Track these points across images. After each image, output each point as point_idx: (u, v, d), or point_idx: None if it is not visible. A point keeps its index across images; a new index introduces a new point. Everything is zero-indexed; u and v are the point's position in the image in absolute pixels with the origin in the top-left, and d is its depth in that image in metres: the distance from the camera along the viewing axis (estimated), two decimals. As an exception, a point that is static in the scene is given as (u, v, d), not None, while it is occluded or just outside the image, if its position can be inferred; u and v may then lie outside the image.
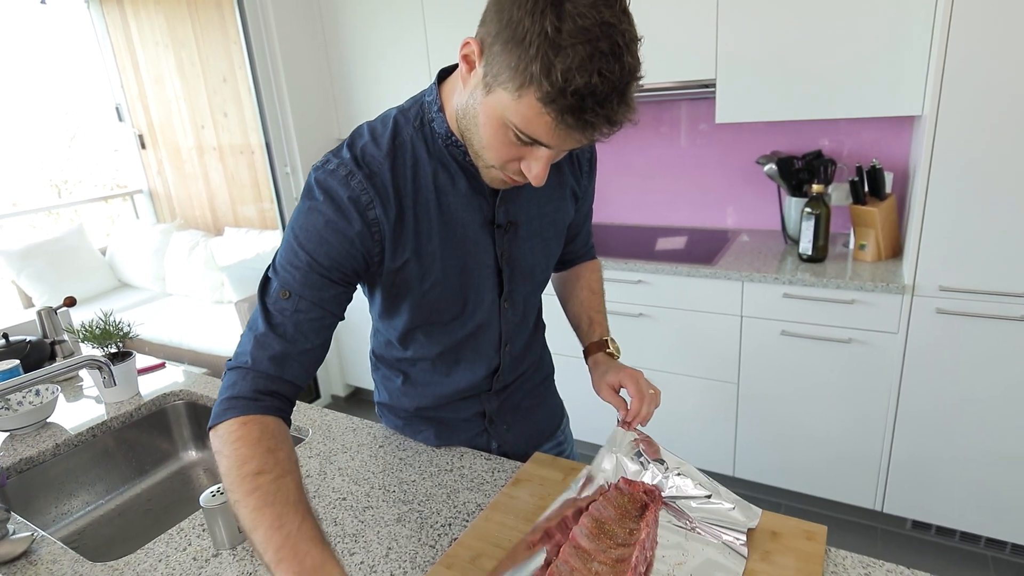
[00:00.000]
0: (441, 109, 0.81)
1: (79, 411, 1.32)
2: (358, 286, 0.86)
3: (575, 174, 0.98)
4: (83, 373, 1.50)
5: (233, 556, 0.84)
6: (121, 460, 1.29)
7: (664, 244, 2.39)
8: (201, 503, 0.83)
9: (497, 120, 0.68)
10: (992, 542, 1.93)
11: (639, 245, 2.42)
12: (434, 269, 0.85)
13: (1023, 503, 1.78)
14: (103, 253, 3.88)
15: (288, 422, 0.76)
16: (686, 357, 2.19)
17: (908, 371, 1.83)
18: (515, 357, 1.03)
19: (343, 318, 0.82)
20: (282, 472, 0.67)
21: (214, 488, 0.85)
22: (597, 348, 1.05)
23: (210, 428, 0.73)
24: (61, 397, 1.39)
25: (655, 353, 2.23)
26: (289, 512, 0.63)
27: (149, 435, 1.34)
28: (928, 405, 1.84)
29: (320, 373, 3.18)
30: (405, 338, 0.96)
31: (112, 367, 1.10)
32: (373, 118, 0.85)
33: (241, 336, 0.79)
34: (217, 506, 0.83)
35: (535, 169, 0.72)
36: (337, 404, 3.25)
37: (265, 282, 0.79)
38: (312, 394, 3.20)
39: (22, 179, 4.41)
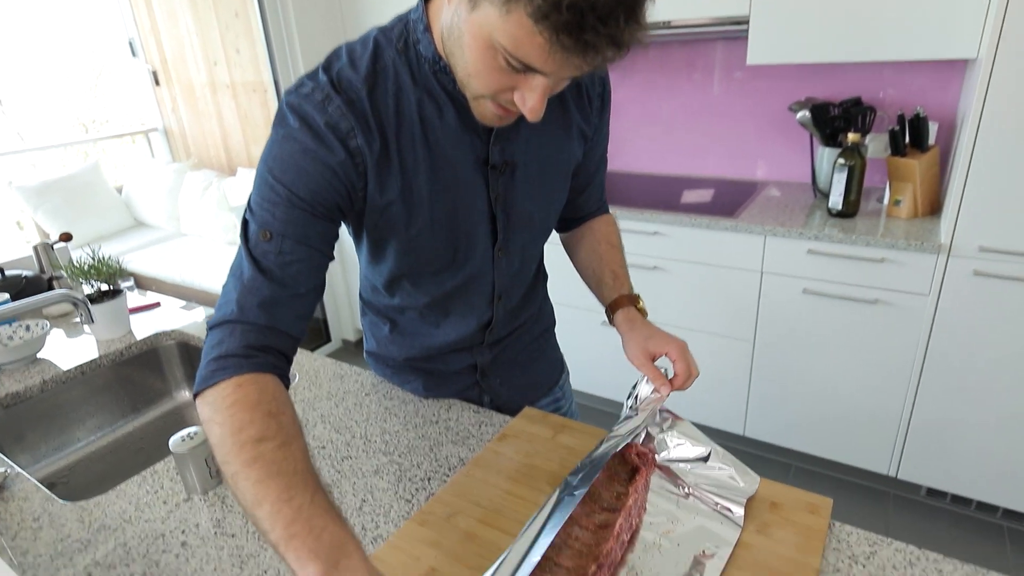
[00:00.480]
0: (427, 29, 0.71)
1: (73, 348, 1.30)
2: (343, 224, 0.79)
3: (583, 111, 0.87)
4: (80, 310, 1.48)
5: (204, 501, 0.81)
6: (113, 398, 1.28)
7: (688, 196, 2.27)
8: (171, 447, 0.80)
9: (484, 41, 0.58)
10: (1010, 513, 1.86)
11: (658, 195, 2.30)
12: (421, 212, 0.77)
13: (1048, 476, 1.71)
14: (119, 191, 3.87)
15: (287, 381, 0.68)
16: (700, 313, 2.11)
17: (936, 335, 1.73)
18: (510, 311, 0.96)
19: (332, 258, 0.74)
20: (287, 438, 0.59)
21: (184, 432, 0.82)
22: (629, 301, 0.92)
23: (197, 395, 0.63)
24: (61, 333, 1.37)
25: (668, 308, 2.15)
26: (298, 483, 0.55)
27: (141, 374, 1.32)
28: (954, 370, 1.74)
29: (331, 316, 3.17)
30: (391, 285, 0.89)
31: (90, 305, 1.06)
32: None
33: (223, 286, 0.70)
34: (187, 451, 0.79)
35: (530, 101, 0.62)
36: (348, 348, 3.25)
37: (244, 225, 0.70)
38: (323, 337, 3.20)
39: (51, 117, 4.38)
